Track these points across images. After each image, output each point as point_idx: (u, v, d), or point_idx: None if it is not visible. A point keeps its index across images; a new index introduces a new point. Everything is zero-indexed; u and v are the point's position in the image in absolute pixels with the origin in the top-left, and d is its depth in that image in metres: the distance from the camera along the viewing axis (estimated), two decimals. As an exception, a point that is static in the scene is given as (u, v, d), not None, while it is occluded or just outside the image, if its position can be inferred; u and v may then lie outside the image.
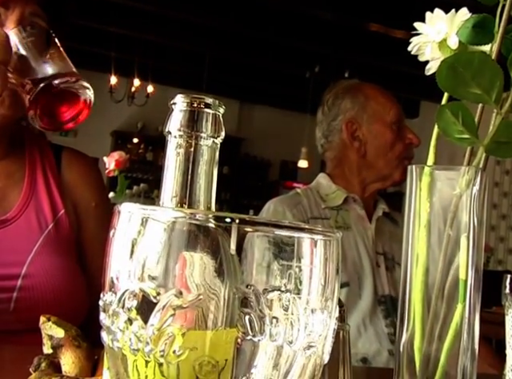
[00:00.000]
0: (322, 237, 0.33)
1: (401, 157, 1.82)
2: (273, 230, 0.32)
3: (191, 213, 0.31)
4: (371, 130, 1.84)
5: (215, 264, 0.32)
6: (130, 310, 0.32)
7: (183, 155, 0.41)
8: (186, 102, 0.41)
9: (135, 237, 0.33)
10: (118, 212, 0.34)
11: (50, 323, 0.62)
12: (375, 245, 1.79)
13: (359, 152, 1.85)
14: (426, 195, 0.62)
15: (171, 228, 0.32)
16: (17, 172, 1.20)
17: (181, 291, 0.30)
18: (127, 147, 10.27)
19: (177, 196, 0.40)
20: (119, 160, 3.23)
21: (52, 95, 0.95)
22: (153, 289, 0.31)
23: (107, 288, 0.35)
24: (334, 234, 0.34)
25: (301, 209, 1.75)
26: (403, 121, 1.86)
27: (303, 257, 0.33)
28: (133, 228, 0.34)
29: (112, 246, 0.35)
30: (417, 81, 6.92)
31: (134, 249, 0.33)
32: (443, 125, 0.60)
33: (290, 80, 8.91)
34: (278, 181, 10.88)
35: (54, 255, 1.15)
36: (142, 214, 0.33)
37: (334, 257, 0.34)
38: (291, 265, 0.32)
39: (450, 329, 0.60)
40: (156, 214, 0.33)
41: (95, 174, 1.33)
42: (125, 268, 0.33)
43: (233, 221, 0.31)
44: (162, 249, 0.32)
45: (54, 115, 0.99)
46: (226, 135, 0.42)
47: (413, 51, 0.71)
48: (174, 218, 0.32)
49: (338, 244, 0.34)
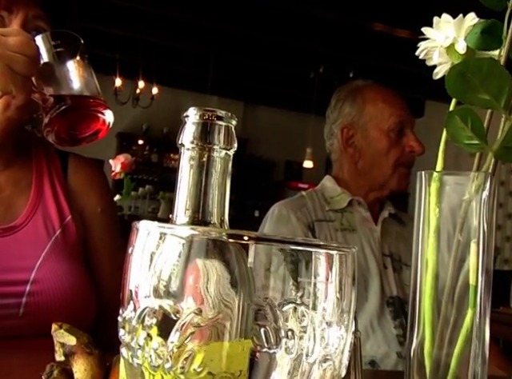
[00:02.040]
0: (337, 252, 0.34)
1: (396, 165, 1.78)
2: (288, 246, 0.32)
3: (208, 232, 0.32)
4: (366, 137, 1.81)
5: (229, 276, 0.32)
6: (150, 327, 0.33)
7: (196, 167, 0.41)
8: (199, 115, 0.41)
9: (153, 254, 0.33)
10: (136, 229, 0.35)
11: (61, 330, 0.62)
12: (381, 247, 1.78)
13: (353, 159, 1.84)
14: (435, 200, 0.62)
15: (189, 244, 0.32)
16: (24, 179, 1.20)
17: (200, 309, 0.31)
18: (132, 149, 10.30)
19: (190, 208, 0.41)
20: (125, 162, 3.24)
21: (73, 117, 0.95)
22: (172, 306, 0.32)
23: (126, 304, 0.35)
24: (349, 249, 0.34)
25: (305, 211, 1.74)
26: (407, 128, 1.80)
27: (319, 271, 0.33)
28: (151, 245, 0.34)
29: (130, 263, 0.35)
30: (422, 81, 6.89)
31: (152, 266, 0.33)
32: (452, 131, 0.60)
33: (294, 80, 8.91)
34: (283, 181, 10.89)
35: (62, 260, 1.15)
36: (160, 231, 0.33)
37: (350, 271, 0.34)
38: (307, 280, 0.33)
39: (460, 335, 0.60)
40: (174, 232, 0.33)
41: (101, 180, 1.34)
42: (143, 284, 0.34)
43: (250, 239, 0.31)
44: (179, 264, 0.32)
45: (70, 133, 0.98)
46: None
47: (421, 56, 0.71)
48: (191, 235, 0.32)
49: (353, 258, 0.34)
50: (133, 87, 8.50)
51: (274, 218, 1.73)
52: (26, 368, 0.90)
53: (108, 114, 0.98)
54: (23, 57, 0.91)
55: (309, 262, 0.33)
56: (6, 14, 1.08)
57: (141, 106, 8.57)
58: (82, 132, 0.98)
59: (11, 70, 0.90)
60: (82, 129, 0.98)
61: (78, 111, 0.94)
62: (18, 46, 0.92)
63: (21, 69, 0.91)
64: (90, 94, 0.96)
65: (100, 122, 0.98)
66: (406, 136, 1.79)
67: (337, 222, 1.76)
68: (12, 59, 0.90)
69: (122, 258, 1.22)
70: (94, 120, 0.97)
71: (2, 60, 0.90)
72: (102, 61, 7.83)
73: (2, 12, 1.07)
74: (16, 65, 0.90)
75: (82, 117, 0.96)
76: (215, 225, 0.40)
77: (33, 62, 0.92)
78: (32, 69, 0.92)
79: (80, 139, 0.99)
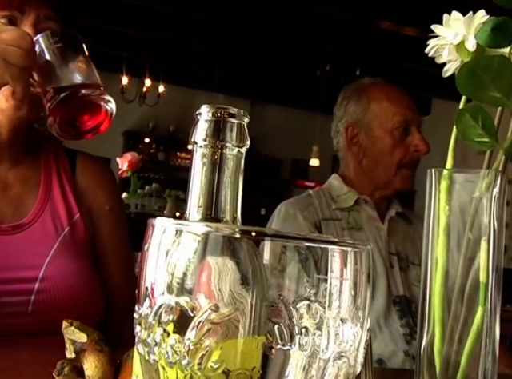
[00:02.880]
0: (352, 249, 0.34)
1: (400, 165, 1.77)
2: (303, 243, 0.32)
3: (224, 229, 0.32)
4: (370, 136, 1.80)
5: (243, 273, 0.32)
6: (167, 324, 0.33)
7: (209, 165, 0.41)
8: (211, 112, 0.41)
9: (169, 251, 0.34)
10: (152, 226, 0.35)
11: (72, 328, 0.63)
12: (388, 246, 1.77)
13: (357, 157, 1.83)
14: (445, 198, 0.62)
15: (204, 241, 0.32)
16: (32, 177, 1.21)
17: (217, 306, 0.31)
18: (139, 147, 10.31)
19: (203, 206, 0.41)
20: (132, 160, 3.25)
21: (73, 105, 0.96)
22: (189, 303, 0.32)
23: (142, 301, 0.35)
24: (364, 246, 0.34)
25: (312, 210, 1.74)
26: (413, 126, 1.79)
27: (333, 268, 0.33)
28: (167, 241, 0.34)
29: (146, 260, 0.35)
30: (429, 79, 6.89)
31: (168, 262, 0.34)
32: (462, 129, 0.60)
33: (300, 79, 8.90)
34: (290, 179, 10.88)
35: (70, 258, 1.16)
36: (176, 228, 0.33)
37: (365, 269, 0.34)
38: (321, 277, 0.33)
39: (470, 333, 0.60)
40: (189, 228, 0.33)
41: (109, 178, 1.34)
42: (159, 281, 0.34)
43: (265, 236, 0.31)
44: (195, 261, 0.32)
45: (73, 125, 0.99)
46: None
47: (430, 53, 0.71)
48: (207, 232, 0.32)
49: (368, 255, 0.34)
50: (139, 85, 8.51)
51: (280, 217, 1.73)
52: (36, 365, 0.90)
53: (110, 105, 0.99)
54: (18, 50, 0.93)
55: (323, 259, 0.33)
56: (18, 15, 1.08)
57: (147, 104, 8.58)
58: (85, 124, 0.99)
59: (7, 62, 0.92)
60: (85, 121, 0.99)
61: (77, 98, 0.96)
62: (13, 39, 0.94)
63: (16, 60, 0.92)
64: (89, 83, 0.98)
65: (102, 113, 0.99)
66: (411, 135, 1.78)
67: (343, 221, 1.76)
68: (7, 51, 0.92)
69: (129, 256, 1.23)
70: (96, 110, 0.98)
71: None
72: (109, 60, 7.84)
73: (14, 13, 1.08)
74: (11, 57, 0.92)
75: (83, 106, 0.97)
76: (227, 222, 0.40)
77: (28, 54, 0.94)
78: (27, 60, 0.94)
79: (83, 132, 1.00)
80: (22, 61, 0.93)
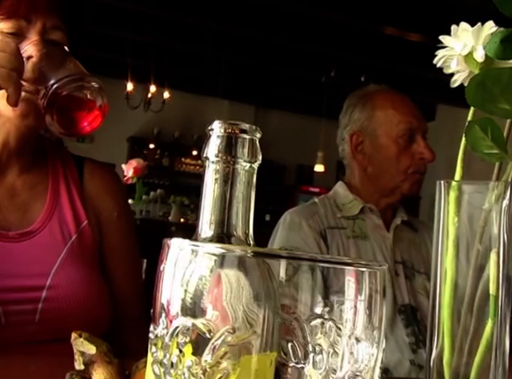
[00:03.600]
0: (367, 270, 0.34)
1: (407, 172, 1.77)
2: (318, 264, 0.32)
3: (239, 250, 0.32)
4: (375, 144, 1.80)
5: (259, 292, 0.32)
6: (183, 345, 0.33)
7: (221, 180, 0.41)
8: (223, 128, 0.41)
9: (185, 271, 0.34)
10: (168, 246, 0.35)
11: (81, 339, 0.63)
12: (393, 254, 1.77)
13: (362, 165, 1.83)
14: (454, 209, 0.62)
15: (220, 262, 0.32)
16: (40, 184, 1.21)
17: (234, 328, 0.31)
18: (143, 153, 10.33)
19: (215, 222, 0.41)
20: (137, 167, 3.25)
21: (65, 98, 0.98)
22: (205, 325, 0.32)
23: (158, 321, 0.35)
24: (379, 267, 0.34)
25: (317, 219, 1.74)
26: (418, 134, 1.79)
27: (348, 289, 0.33)
28: (182, 262, 0.34)
29: (162, 279, 0.35)
30: (433, 84, 6.89)
31: (183, 283, 0.34)
32: (472, 141, 0.60)
33: (305, 84, 8.91)
34: (294, 185, 10.88)
35: (78, 266, 1.16)
36: (192, 249, 0.33)
37: (380, 288, 0.34)
38: (336, 297, 0.33)
39: (480, 345, 0.60)
40: (205, 249, 0.33)
41: (117, 185, 1.35)
42: (175, 301, 0.34)
43: (281, 258, 0.31)
44: (210, 282, 0.32)
45: (70, 120, 1.01)
46: None
47: (438, 64, 0.71)
48: (222, 253, 0.32)
49: (383, 275, 0.34)
50: (144, 91, 8.53)
51: (286, 226, 1.73)
52: (43, 375, 0.90)
53: (100, 97, 1.02)
54: (2, 53, 0.96)
55: (338, 279, 0.33)
56: (24, 24, 1.09)
57: (152, 110, 8.60)
58: (81, 119, 1.02)
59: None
60: (80, 117, 1.02)
61: (68, 89, 0.98)
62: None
63: (2, 62, 0.95)
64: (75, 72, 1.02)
65: (95, 107, 1.01)
66: (416, 143, 1.78)
67: (349, 229, 1.75)
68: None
69: (138, 263, 1.23)
70: (89, 105, 1.01)
71: None
72: (114, 66, 7.87)
73: (20, 21, 1.09)
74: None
75: (76, 101, 1.00)
76: (239, 237, 0.40)
77: (13, 57, 0.97)
78: (13, 61, 0.97)
79: (81, 127, 1.03)
80: (8, 63, 0.96)
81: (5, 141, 1.14)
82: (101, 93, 1.01)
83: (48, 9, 1.10)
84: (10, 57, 0.96)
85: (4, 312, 1.06)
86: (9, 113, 1.08)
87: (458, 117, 8.77)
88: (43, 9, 1.09)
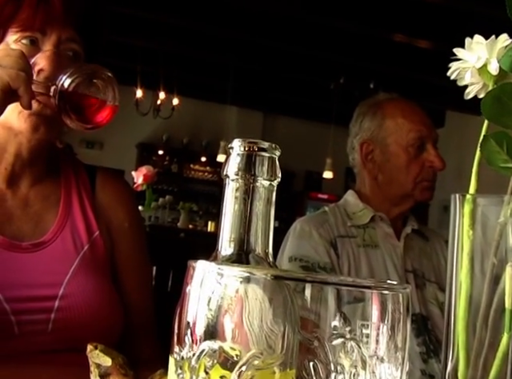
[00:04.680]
0: (389, 292, 0.34)
1: (418, 180, 1.77)
2: (341, 288, 0.32)
3: (263, 273, 0.32)
4: (385, 152, 1.80)
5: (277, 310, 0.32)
6: (210, 368, 0.33)
7: (241, 198, 0.41)
8: (243, 146, 0.42)
9: (209, 293, 0.34)
10: (193, 268, 0.35)
11: (97, 351, 0.63)
12: (404, 263, 1.76)
13: (372, 174, 1.83)
14: (469, 223, 0.62)
15: (245, 284, 0.32)
16: (52, 194, 1.21)
17: (261, 352, 0.31)
18: (152, 159, 10.37)
19: (235, 240, 0.41)
20: (147, 174, 3.26)
21: (75, 90, 0.99)
22: (232, 348, 0.32)
23: (183, 342, 0.35)
24: (404, 289, 0.34)
25: (327, 227, 1.74)
26: (428, 143, 1.78)
27: (371, 311, 0.33)
28: (207, 284, 0.34)
29: (187, 302, 0.35)
30: (442, 91, 6.89)
31: (208, 305, 0.34)
32: (487, 154, 0.60)
33: (314, 91, 8.92)
34: (303, 191, 10.88)
35: (90, 276, 1.16)
36: (217, 272, 0.33)
37: (403, 309, 0.34)
38: (358, 319, 0.33)
39: (495, 358, 0.59)
40: (230, 272, 0.33)
41: (128, 195, 1.35)
42: (201, 323, 0.34)
43: (306, 282, 0.31)
44: (234, 304, 0.32)
45: (85, 112, 1.04)
46: None
47: (452, 76, 0.71)
48: (247, 276, 0.32)
49: (407, 297, 0.34)
50: (154, 98, 8.56)
51: (296, 234, 1.73)
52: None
53: (111, 88, 1.04)
54: (9, 57, 0.98)
55: (361, 302, 0.33)
56: (39, 36, 1.09)
57: (161, 117, 8.63)
58: (95, 112, 1.04)
59: (2, 67, 0.96)
60: (93, 110, 1.04)
61: (76, 79, 1.00)
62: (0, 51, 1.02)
63: (10, 64, 0.97)
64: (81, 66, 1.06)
65: (108, 100, 1.04)
66: (426, 151, 1.77)
67: (359, 238, 1.75)
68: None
69: (149, 273, 1.23)
70: (101, 100, 1.04)
71: None
72: (124, 73, 7.88)
73: (36, 34, 1.09)
74: (3, 62, 0.97)
75: (85, 99, 1.02)
76: (259, 255, 0.41)
77: (18, 59, 0.98)
78: (20, 63, 0.98)
79: (97, 122, 1.04)
80: (15, 64, 0.97)
81: (17, 153, 1.14)
82: (111, 84, 1.03)
83: (63, 21, 1.10)
84: (16, 60, 0.97)
85: (17, 322, 1.06)
86: (20, 126, 1.09)
87: (466, 124, 8.75)
88: (59, 21, 1.09)
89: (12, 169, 1.16)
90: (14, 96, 0.97)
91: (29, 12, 1.08)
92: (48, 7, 1.08)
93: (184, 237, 6.41)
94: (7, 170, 1.16)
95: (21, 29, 1.08)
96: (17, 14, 1.08)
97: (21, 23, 1.08)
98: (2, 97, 0.96)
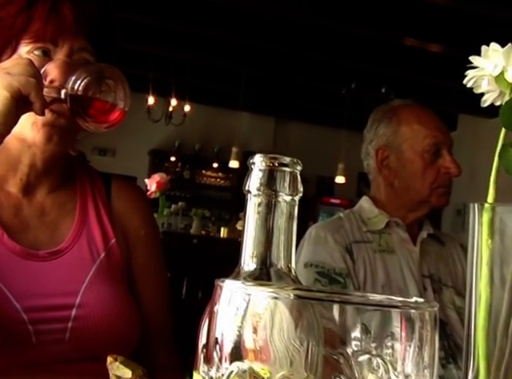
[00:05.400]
0: (416, 311, 0.33)
1: (434, 186, 1.77)
2: (366, 307, 0.32)
3: (291, 293, 0.32)
4: (400, 158, 1.80)
5: (304, 329, 0.32)
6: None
7: (263, 214, 0.42)
8: (265, 162, 0.42)
9: (237, 313, 0.34)
10: (220, 288, 0.35)
11: (117, 363, 0.63)
12: (421, 268, 1.76)
13: (388, 180, 1.83)
14: (488, 232, 0.62)
15: (273, 304, 0.32)
16: (68, 202, 1.22)
17: (292, 372, 0.31)
18: (164, 166, 10.39)
19: (257, 256, 0.41)
20: (160, 182, 3.27)
21: (86, 96, 1.01)
22: (262, 369, 0.32)
23: (212, 362, 0.35)
24: (431, 308, 0.34)
25: (343, 233, 1.74)
26: (444, 149, 1.78)
27: (397, 330, 0.33)
28: (235, 304, 0.34)
29: (215, 321, 0.35)
30: (454, 94, 6.88)
31: (236, 325, 0.34)
32: (506, 164, 0.60)
33: (326, 96, 8.92)
34: (315, 196, 10.86)
35: (107, 284, 1.16)
36: (244, 292, 0.33)
37: (430, 327, 0.34)
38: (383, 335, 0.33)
39: (516, 368, 0.59)
40: (257, 292, 0.33)
41: (144, 202, 1.35)
42: (229, 343, 0.34)
43: (333, 302, 0.31)
44: (263, 323, 0.32)
45: (98, 116, 1.05)
46: (261, 152, 0.43)
47: (468, 84, 0.71)
48: (275, 296, 0.32)
49: (434, 314, 0.34)
50: (165, 105, 8.60)
51: (311, 240, 1.73)
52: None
53: (116, 71, 1.05)
54: (17, 65, 0.99)
55: (387, 320, 0.33)
56: (51, 47, 1.10)
57: (173, 124, 8.66)
58: (103, 100, 1.05)
59: (11, 74, 0.97)
60: (104, 111, 1.05)
61: (86, 79, 1.01)
62: (9, 61, 1.05)
63: (19, 71, 0.97)
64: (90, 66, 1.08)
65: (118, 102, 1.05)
66: (442, 157, 1.77)
67: (375, 244, 1.75)
68: (6, 67, 1.00)
69: (165, 281, 1.23)
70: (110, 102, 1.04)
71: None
72: (135, 80, 7.91)
73: (47, 45, 1.09)
74: (13, 70, 0.98)
75: (95, 83, 1.02)
76: (282, 270, 0.41)
77: (27, 66, 0.99)
78: (28, 70, 0.98)
79: (111, 122, 1.06)
80: (25, 71, 0.97)
81: (31, 164, 1.14)
82: (121, 82, 1.04)
83: (75, 31, 1.10)
84: (25, 67, 0.98)
85: (35, 331, 1.06)
86: (33, 138, 1.08)
87: (479, 127, 8.73)
88: (70, 32, 1.10)
89: (27, 179, 1.16)
90: (27, 104, 0.98)
91: (40, 23, 1.08)
92: (59, 18, 1.09)
93: (197, 243, 6.42)
94: (22, 180, 1.16)
95: (33, 41, 1.09)
96: (28, 26, 1.08)
97: (33, 35, 1.08)
98: (14, 104, 0.96)
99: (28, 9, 1.08)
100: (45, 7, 1.08)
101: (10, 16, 1.08)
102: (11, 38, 1.09)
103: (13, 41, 1.09)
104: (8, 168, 1.15)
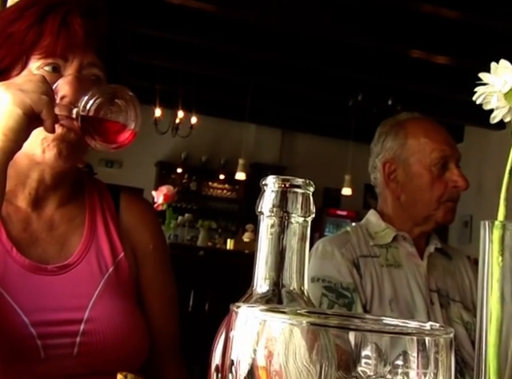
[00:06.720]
0: (430, 338, 0.33)
1: (441, 200, 1.76)
2: (381, 335, 0.32)
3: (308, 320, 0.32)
4: (408, 172, 1.79)
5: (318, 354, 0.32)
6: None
7: (275, 235, 0.42)
8: (277, 183, 0.42)
9: (252, 339, 0.34)
10: (235, 313, 0.35)
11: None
12: (428, 282, 1.75)
13: (395, 193, 1.82)
14: (498, 249, 0.62)
15: (288, 331, 0.32)
16: (77, 216, 1.22)
17: None
18: (171, 177, 10.42)
19: (270, 278, 0.41)
20: (167, 194, 3.28)
21: (97, 110, 1.01)
22: None
23: None
24: (447, 334, 0.34)
25: (349, 247, 1.73)
26: (451, 162, 1.78)
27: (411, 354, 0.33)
28: (250, 330, 0.34)
29: (230, 347, 0.35)
30: (460, 106, 6.88)
31: (251, 351, 0.34)
32: (517, 180, 0.60)
33: (332, 108, 8.94)
34: (322, 208, 10.85)
35: (115, 299, 1.16)
36: (260, 318, 0.33)
37: (445, 352, 0.34)
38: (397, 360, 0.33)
39: (528, 386, 0.59)
40: (272, 319, 0.33)
41: (152, 217, 1.35)
42: (244, 368, 0.34)
43: (350, 330, 0.31)
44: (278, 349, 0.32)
45: (108, 136, 1.05)
46: (268, 164, 0.43)
47: (478, 101, 0.71)
48: (290, 323, 0.32)
49: (450, 341, 0.34)
50: (172, 117, 8.62)
51: (318, 254, 1.72)
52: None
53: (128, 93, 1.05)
54: (30, 81, 1.00)
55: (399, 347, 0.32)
56: (61, 63, 1.10)
57: (180, 136, 8.68)
58: (117, 133, 1.05)
59: (23, 91, 0.97)
60: (115, 131, 1.05)
61: (98, 100, 1.01)
62: (22, 77, 1.06)
63: (31, 88, 0.98)
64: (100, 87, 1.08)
65: (128, 122, 1.05)
66: (449, 171, 1.77)
67: (382, 258, 1.74)
68: (19, 83, 1.00)
69: (174, 295, 1.23)
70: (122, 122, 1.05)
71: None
72: (142, 92, 7.94)
73: (57, 61, 1.10)
74: (25, 86, 0.98)
75: (105, 106, 1.03)
76: (295, 291, 0.41)
77: (40, 83, 0.99)
78: (41, 86, 0.99)
79: (119, 142, 1.06)
80: (37, 88, 0.97)
81: (40, 179, 1.14)
82: (133, 104, 1.04)
83: (85, 47, 1.10)
84: (37, 84, 0.98)
85: (43, 346, 1.06)
86: (42, 153, 1.08)
87: (485, 139, 8.72)
88: (80, 47, 1.10)
89: (36, 194, 1.16)
90: (38, 120, 0.98)
91: (50, 39, 1.08)
92: (69, 34, 1.09)
93: (203, 255, 6.41)
94: (31, 195, 1.16)
95: (43, 56, 1.09)
96: (39, 42, 1.09)
97: (43, 50, 1.09)
98: (26, 121, 0.97)
99: (38, 24, 1.09)
100: (55, 22, 1.09)
101: (21, 31, 1.09)
102: (22, 54, 1.09)
103: (23, 56, 1.10)
104: (17, 182, 1.15)
